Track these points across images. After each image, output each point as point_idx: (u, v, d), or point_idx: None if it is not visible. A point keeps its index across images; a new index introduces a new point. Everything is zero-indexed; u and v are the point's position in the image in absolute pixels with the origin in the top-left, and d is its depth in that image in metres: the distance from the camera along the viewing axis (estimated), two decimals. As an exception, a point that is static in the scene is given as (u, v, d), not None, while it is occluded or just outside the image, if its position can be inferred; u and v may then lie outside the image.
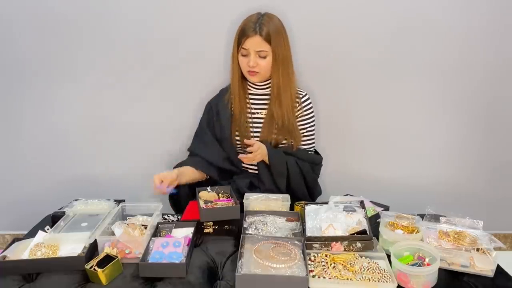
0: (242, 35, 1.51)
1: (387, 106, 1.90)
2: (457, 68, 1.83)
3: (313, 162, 1.72)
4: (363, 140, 1.96)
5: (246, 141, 1.59)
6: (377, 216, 1.41)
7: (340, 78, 1.84)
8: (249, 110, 1.66)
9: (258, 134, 1.65)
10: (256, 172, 1.69)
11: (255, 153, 1.55)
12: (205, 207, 1.38)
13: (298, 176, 1.64)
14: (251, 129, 1.66)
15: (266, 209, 1.43)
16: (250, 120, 1.65)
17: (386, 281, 1.08)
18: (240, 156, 1.59)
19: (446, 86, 1.87)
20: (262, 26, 1.49)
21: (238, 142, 1.67)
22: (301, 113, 1.66)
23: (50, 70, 1.83)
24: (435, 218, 1.32)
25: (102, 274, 1.10)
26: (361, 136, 1.95)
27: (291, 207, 1.49)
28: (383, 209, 1.50)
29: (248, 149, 1.57)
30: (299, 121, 1.66)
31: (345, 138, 1.95)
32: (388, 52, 1.80)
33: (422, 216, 1.33)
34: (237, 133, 1.66)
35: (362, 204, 1.38)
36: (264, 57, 1.53)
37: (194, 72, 1.83)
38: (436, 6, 1.73)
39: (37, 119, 1.91)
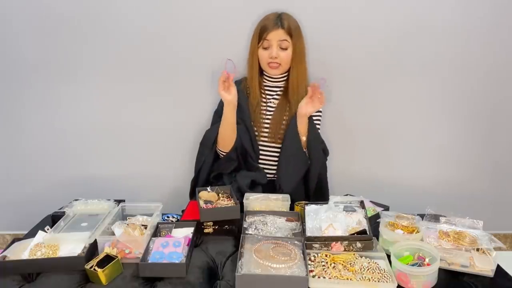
0: (264, 30, 1.60)
1: (387, 106, 1.90)
2: (458, 68, 1.83)
3: (324, 148, 1.76)
4: (363, 140, 1.95)
5: (311, 84, 1.59)
6: (377, 216, 1.41)
7: (340, 78, 1.84)
8: (264, 100, 1.73)
9: (268, 121, 1.71)
10: (268, 165, 1.73)
11: (323, 95, 1.59)
12: (205, 207, 1.38)
13: (318, 158, 1.70)
14: (262, 116, 1.73)
15: (266, 209, 1.43)
16: (264, 109, 1.73)
17: (386, 281, 1.08)
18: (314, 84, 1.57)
19: (446, 86, 1.87)
20: (284, 21, 1.59)
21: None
22: None
23: (50, 70, 1.83)
24: (435, 218, 1.32)
25: (102, 274, 1.10)
26: (361, 136, 1.95)
27: (291, 207, 1.49)
28: (383, 209, 1.50)
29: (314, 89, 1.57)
30: None
31: (345, 138, 1.95)
32: (388, 52, 1.80)
33: (422, 216, 1.33)
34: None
35: (362, 204, 1.38)
36: (286, 49, 1.61)
37: (195, 73, 1.83)
38: (437, 7, 1.73)
39: (37, 119, 1.91)
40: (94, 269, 1.11)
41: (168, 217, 1.49)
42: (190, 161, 1.77)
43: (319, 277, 1.09)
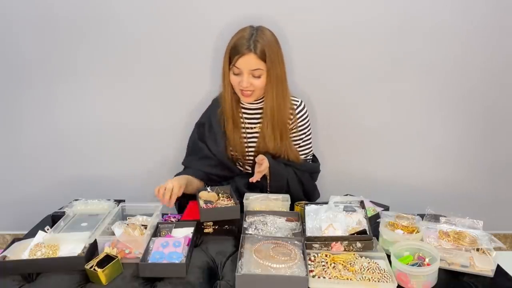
0: (234, 53, 1.42)
1: (387, 106, 1.90)
2: (456, 67, 1.83)
3: (312, 171, 1.71)
4: (363, 140, 1.96)
5: (257, 160, 1.53)
6: (377, 216, 1.41)
7: (339, 77, 1.84)
8: (243, 125, 1.61)
9: (253, 149, 1.63)
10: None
11: (264, 171, 1.53)
12: (205, 207, 1.38)
13: (297, 187, 1.63)
14: (245, 144, 1.62)
15: (266, 209, 1.43)
16: (245, 135, 1.62)
17: (386, 281, 1.08)
18: (252, 179, 1.53)
19: (446, 85, 1.87)
20: (257, 43, 1.40)
21: (233, 155, 1.65)
22: (295, 124, 1.61)
23: (50, 70, 1.83)
24: (435, 218, 1.32)
25: (102, 274, 1.10)
26: (361, 136, 1.95)
27: (291, 207, 1.48)
28: (383, 209, 1.50)
29: (257, 166, 1.52)
30: (294, 133, 1.62)
31: (345, 138, 1.95)
32: (386, 52, 1.80)
33: (422, 216, 1.33)
34: (231, 148, 1.63)
35: (362, 204, 1.38)
36: (259, 77, 1.45)
37: (194, 74, 1.83)
38: (432, 6, 1.73)
39: (37, 119, 1.91)
40: (94, 269, 1.11)
41: (168, 217, 1.49)
42: (190, 161, 1.78)
43: (319, 277, 1.09)
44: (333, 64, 1.82)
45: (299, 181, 1.64)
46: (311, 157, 1.76)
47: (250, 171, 1.69)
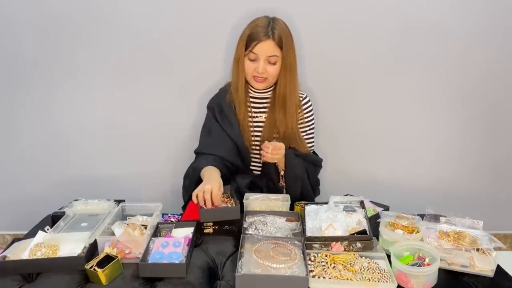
0: (252, 39, 1.46)
1: (387, 106, 1.90)
2: (457, 68, 1.83)
3: (316, 163, 1.72)
4: (363, 140, 1.96)
5: (263, 145, 1.54)
6: (377, 216, 1.41)
7: (340, 78, 1.84)
8: (250, 114, 1.64)
9: (258, 138, 1.64)
10: (259, 172, 1.69)
11: (273, 155, 1.51)
12: (205, 207, 1.38)
13: (306, 179, 1.65)
14: (251, 133, 1.64)
15: (266, 209, 1.43)
16: (251, 124, 1.64)
17: (386, 281, 1.08)
18: (263, 153, 1.53)
19: (446, 86, 1.87)
20: (275, 30, 1.46)
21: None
22: (301, 115, 1.65)
23: (50, 70, 1.83)
24: (435, 218, 1.32)
25: (102, 274, 1.10)
26: (361, 136, 1.95)
27: (291, 207, 1.49)
28: (383, 209, 1.50)
29: (264, 152, 1.52)
30: (299, 125, 1.64)
31: (345, 138, 1.95)
32: (388, 52, 1.80)
33: (422, 216, 1.33)
34: None
35: (362, 204, 1.38)
36: (274, 63, 1.50)
37: (194, 72, 1.83)
38: (436, 7, 1.73)
39: (37, 119, 1.91)
40: (94, 269, 1.11)
41: (168, 217, 1.49)
42: (189, 161, 1.77)
43: (319, 277, 1.09)
44: (333, 64, 1.82)
45: (306, 172, 1.65)
46: (312, 152, 1.77)
47: (256, 164, 1.69)
